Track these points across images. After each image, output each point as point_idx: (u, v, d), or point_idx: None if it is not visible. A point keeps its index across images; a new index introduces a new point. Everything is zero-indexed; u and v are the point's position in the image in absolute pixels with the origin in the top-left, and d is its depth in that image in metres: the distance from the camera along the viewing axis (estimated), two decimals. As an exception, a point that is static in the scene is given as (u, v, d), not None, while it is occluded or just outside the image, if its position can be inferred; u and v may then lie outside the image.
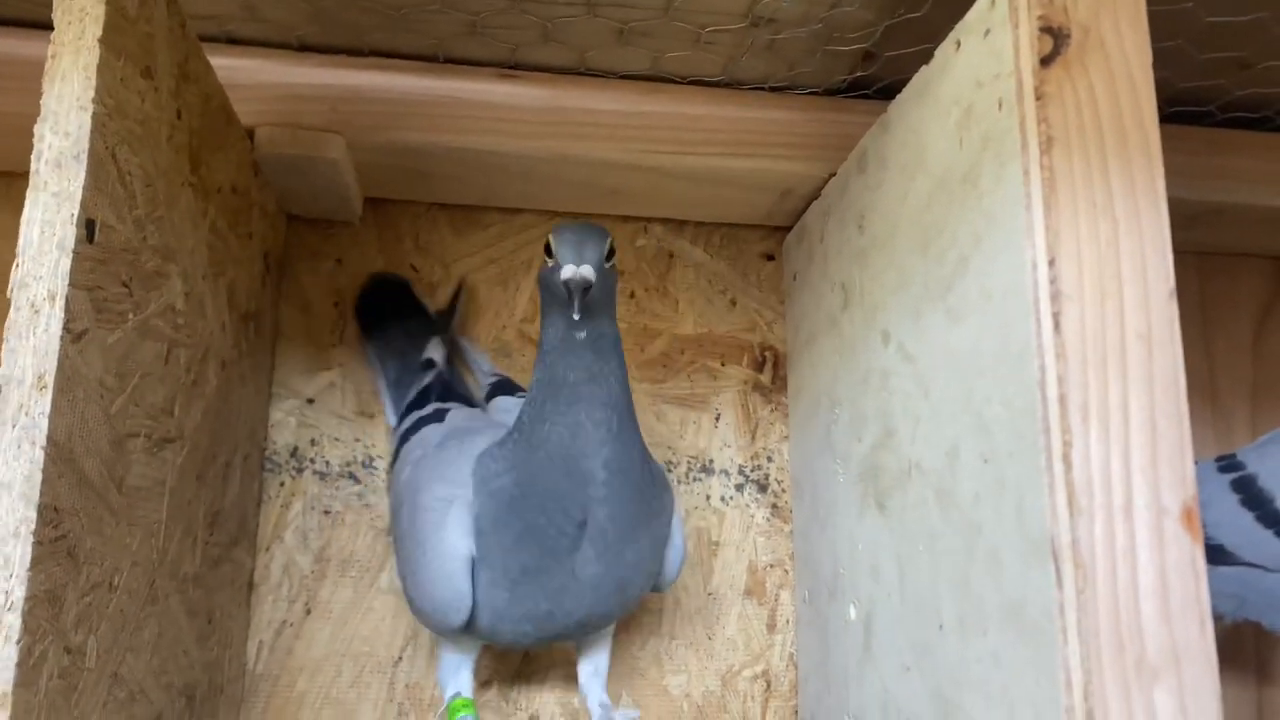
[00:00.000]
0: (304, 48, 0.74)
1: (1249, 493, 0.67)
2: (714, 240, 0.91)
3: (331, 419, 0.83)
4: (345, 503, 0.82)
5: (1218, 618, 0.71)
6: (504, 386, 0.79)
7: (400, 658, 0.80)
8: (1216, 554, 0.68)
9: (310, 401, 0.83)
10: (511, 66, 0.77)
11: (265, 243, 0.77)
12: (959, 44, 0.57)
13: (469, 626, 0.64)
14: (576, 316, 0.56)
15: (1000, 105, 0.52)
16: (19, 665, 0.39)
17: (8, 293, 0.43)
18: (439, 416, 0.73)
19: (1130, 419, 0.47)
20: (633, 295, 0.89)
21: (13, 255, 0.80)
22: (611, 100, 0.77)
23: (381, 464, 0.83)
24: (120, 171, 0.47)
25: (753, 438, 0.88)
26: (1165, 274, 0.49)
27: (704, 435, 0.87)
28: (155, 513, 0.55)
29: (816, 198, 0.82)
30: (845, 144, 0.76)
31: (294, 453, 0.82)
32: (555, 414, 0.60)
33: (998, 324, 0.51)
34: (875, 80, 0.77)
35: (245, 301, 0.72)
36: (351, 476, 0.82)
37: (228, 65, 0.71)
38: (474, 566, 0.62)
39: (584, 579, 0.61)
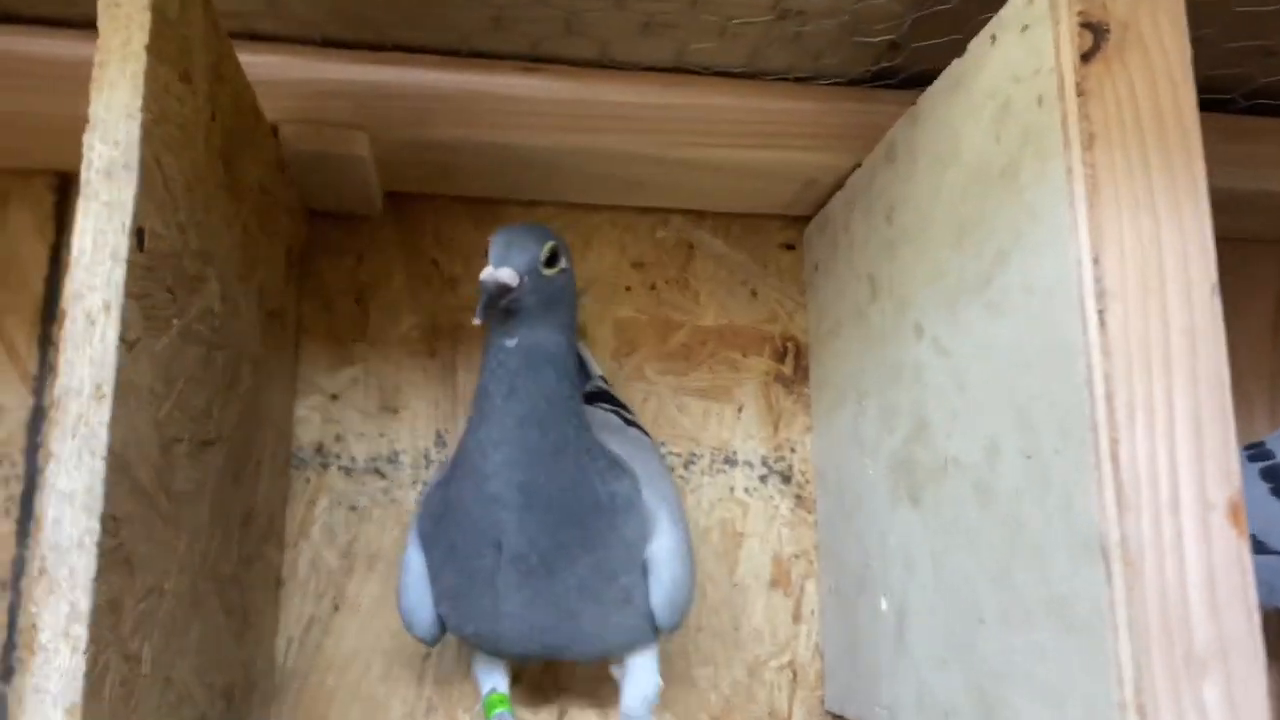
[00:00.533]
0: (327, 43, 0.74)
1: (1278, 481, 0.67)
2: (733, 231, 0.91)
3: (355, 415, 0.83)
4: (371, 498, 0.82)
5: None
6: (593, 396, 0.76)
7: (429, 653, 0.80)
8: (1244, 542, 0.69)
9: (334, 397, 0.83)
10: (534, 60, 0.76)
11: (289, 239, 0.77)
12: (994, 38, 0.57)
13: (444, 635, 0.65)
14: (476, 320, 0.53)
15: (1040, 101, 0.52)
16: (87, 675, 0.39)
17: (62, 303, 0.42)
18: None
19: (1175, 415, 0.48)
20: (654, 287, 0.89)
21: (28, 250, 0.80)
22: (635, 93, 0.77)
23: (406, 459, 0.83)
24: (164, 178, 0.47)
25: (775, 429, 0.88)
26: (1208, 270, 0.49)
27: (727, 427, 0.87)
28: (198, 515, 0.55)
29: (840, 187, 0.82)
30: (870, 134, 0.76)
31: (319, 449, 0.82)
32: (474, 428, 0.57)
33: (1041, 320, 0.51)
34: (900, 70, 0.77)
35: (272, 299, 0.72)
36: (377, 472, 0.82)
37: (251, 62, 0.70)
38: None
39: (513, 603, 0.58)
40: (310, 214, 0.84)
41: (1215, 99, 0.79)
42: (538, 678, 0.81)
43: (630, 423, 0.74)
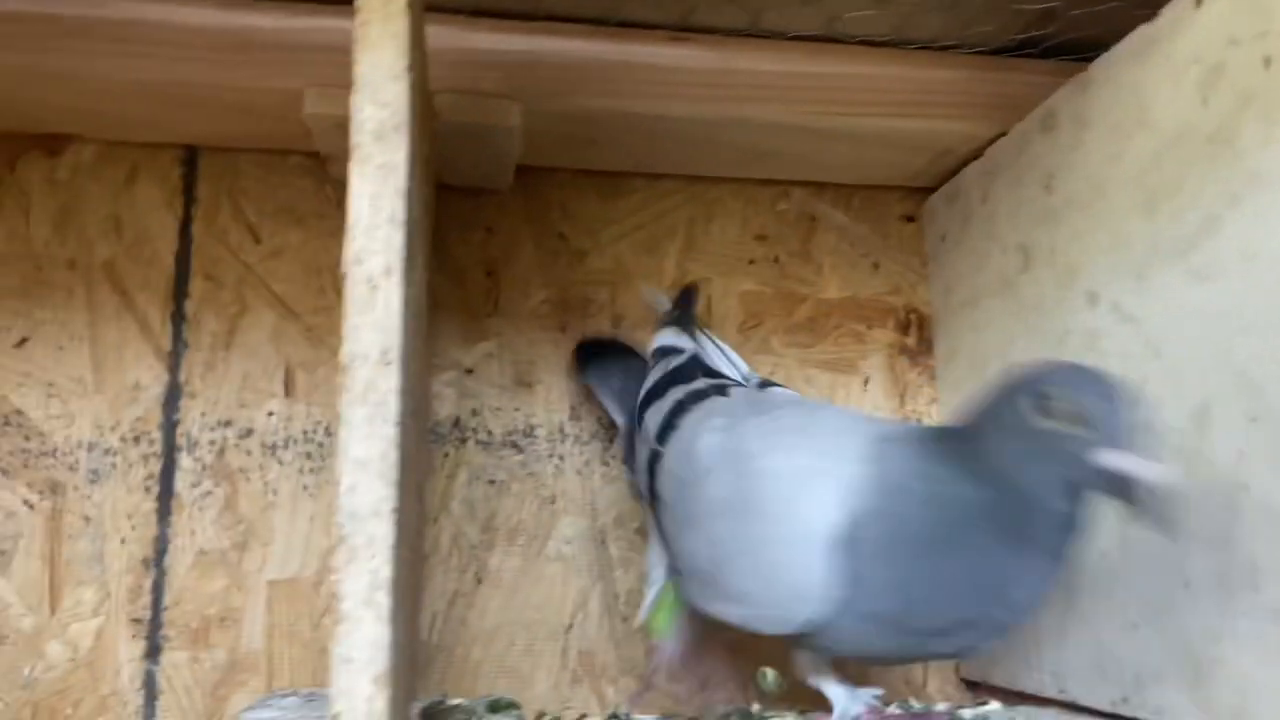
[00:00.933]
0: (477, 12, 0.73)
1: None
2: (854, 203, 0.91)
3: (491, 389, 0.82)
4: (510, 472, 0.81)
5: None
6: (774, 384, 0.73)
7: (571, 625, 0.80)
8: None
9: (469, 372, 0.82)
10: (683, 29, 0.75)
11: (433, 212, 0.76)
12: (1199, 2, 0.57)
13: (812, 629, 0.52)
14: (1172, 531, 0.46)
15: (1268, 63, 0.52)
16: (391, 644, 0.39)
17: (342, 268, 0.42)
18: (722, 390, 0.65)
19: None
20: (777, 260, 0.89)
21: (157, 225, 0.78)
22: (782, 61, 0.76)
23: (542, 432, 0.82)
24: (412, 141, 0.46)
25: (902, 401, 0.88)
26: None
27: (854, 398, 0.87)
28: (412, 484, 0.54)
29: (976, 158, 0.81)
30: (1011, 103, 0.76)
31: (456, 423, 0.82)
32: (991, 552, 0.49)
33: (1267, 284, 0.51)
34: (1045, 39, 0.76)
35: (428, 273, 0.71)
36: (514, 445, 0.82)
37: (407, 31, 0.70)
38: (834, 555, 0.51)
39: (943, 648, 0.53)
40: (441, 189, 0.83)
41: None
42: (679, 650, 0.81)
43: None
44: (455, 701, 0.62)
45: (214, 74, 0.72)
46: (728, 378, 0.71)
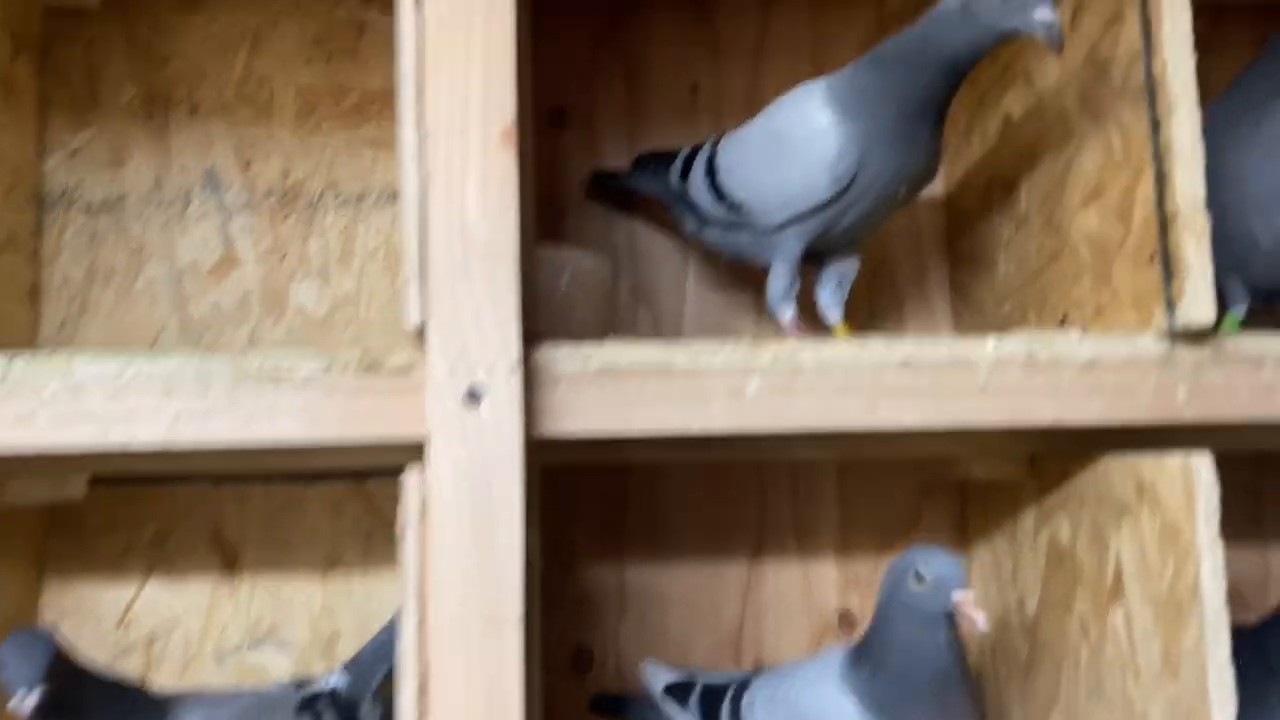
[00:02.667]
0: None
1: (710, 168, 0.90)
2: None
3: (92, 165, 1.07)
4: (107, 228, 1.07)
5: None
6: None
7: (157, 339, 1.06)
8: (700, 217, 0.92)
9: (74, 153, 1.07)
10: None
11: (16, 26, 1.00)
12: None
13: None
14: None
15: None
16: None
17: None
18: None
19: (472, 69, 0.69)
20: (330, 59, 1.11)
21: None
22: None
23: (131, 199, 1.07)
24: None
25: (432, 168, 1.10)
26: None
27: (392, 170, 1.10)
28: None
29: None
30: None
31: (64, 193, 1.07)
32: None
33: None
34: None
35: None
36: (109, 210, 1.07)
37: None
38: None
39: None
40: (47, 10, 1.07)
41: None
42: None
43: None
44: None
45: None
46: None
